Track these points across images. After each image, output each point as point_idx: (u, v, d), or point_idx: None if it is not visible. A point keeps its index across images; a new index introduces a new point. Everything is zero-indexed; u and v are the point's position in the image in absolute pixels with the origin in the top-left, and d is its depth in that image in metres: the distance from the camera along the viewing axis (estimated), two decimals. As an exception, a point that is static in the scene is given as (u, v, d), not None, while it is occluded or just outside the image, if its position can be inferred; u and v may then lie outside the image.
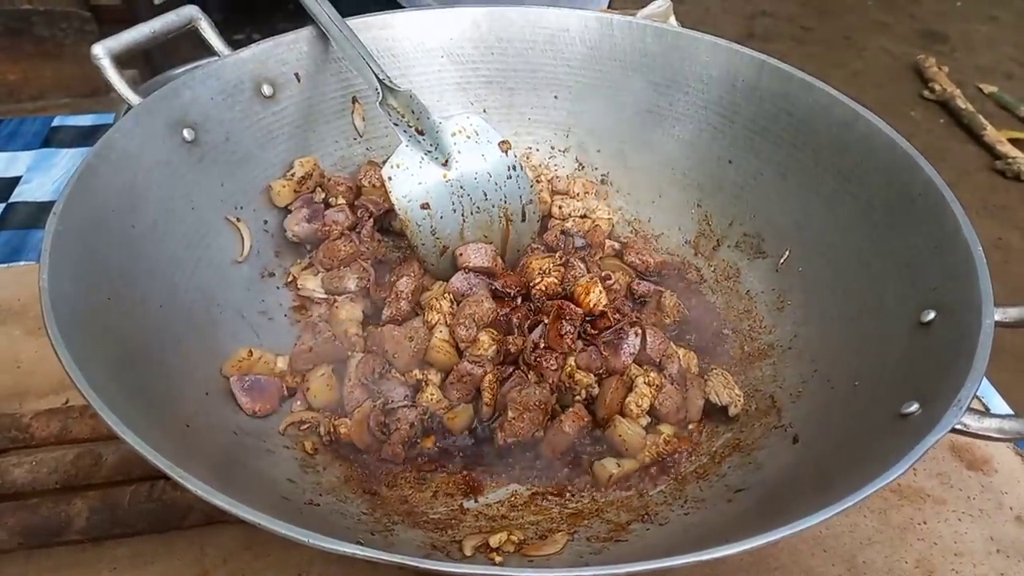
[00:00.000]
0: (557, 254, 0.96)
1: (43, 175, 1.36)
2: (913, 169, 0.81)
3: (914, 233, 0.79)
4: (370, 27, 1.01)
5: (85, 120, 1.52)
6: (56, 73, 2.53)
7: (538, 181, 1.09)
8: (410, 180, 0.91)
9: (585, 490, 0.80)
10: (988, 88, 3.75)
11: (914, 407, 0.63)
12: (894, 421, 0.64)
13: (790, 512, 0.60)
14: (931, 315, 0.72)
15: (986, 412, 0.61)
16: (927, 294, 0.74)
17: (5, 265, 1.16)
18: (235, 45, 0.96)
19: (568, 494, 0.79)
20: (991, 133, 3.40)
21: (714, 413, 0.87)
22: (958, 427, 0.59)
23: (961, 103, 3.57)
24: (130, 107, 0.85)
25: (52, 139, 1.46)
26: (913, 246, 0.78)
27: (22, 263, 1.16)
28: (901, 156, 0.83)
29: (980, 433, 0.60)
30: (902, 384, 0.68)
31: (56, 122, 1.52)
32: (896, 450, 0.58)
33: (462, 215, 0.94)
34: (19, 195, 1.31)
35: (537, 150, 1.12)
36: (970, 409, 0.60)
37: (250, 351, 0.83)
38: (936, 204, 0.78)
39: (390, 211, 0.96)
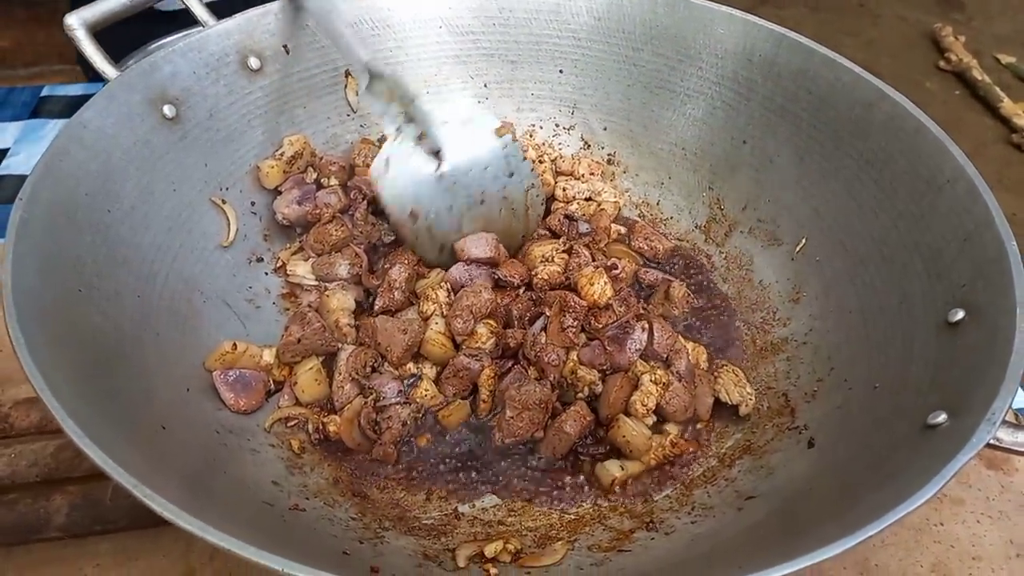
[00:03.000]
0: (560, 240, 0.91)
1: (32, 147, 1.31)
2: (942, 154, 0.76)
3: (942, 223, 0.74)
4: (364, -5, 0.96)
5: (75, 90, 1.47)
6: (50, 39, 2.47)
7: (541, 161, 1.04)
8: (401, 179, 0.85)
9: (587, 495, 0.76)
10: (1006, 58, 3.64)
11: (942, 418, 0.59)
12: (920, 432, 0.60)
13: (807, 530, 0.56)
14: (960, 315, 0.67)
15: (1021, 424, 0.56)
16: (956, 291, 0.69)
17: (-11, 242, 1.12)
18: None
19: (568, 500, 0.75)
20: (1008, 105, 3.31)
21: (723, 412, 0.82)
22: (991, 442, 0.55)
23: (977, 74, 3.48)
24: (107, 82, 0.80)
25: (41, 109, 1.41)
26: (941, 237, 0.73)
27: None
28: (929, 139, 0.78)
29: (1015, 448, 0.56)
30: (928, 390, 0.64)
31: (46, 92, 1.47)
32: (923, 467, 0.54)
33: (459, 212, 0.88)
34: (6, 168, 1.27)
35: (541, 128, 1.07)
36: (1004, 421, 0.56)
37: (234, 344, 0.79)
38: (966, 192, 0.72)
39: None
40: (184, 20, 0.90)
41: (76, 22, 0.81)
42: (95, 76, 1.41)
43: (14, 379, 0.91)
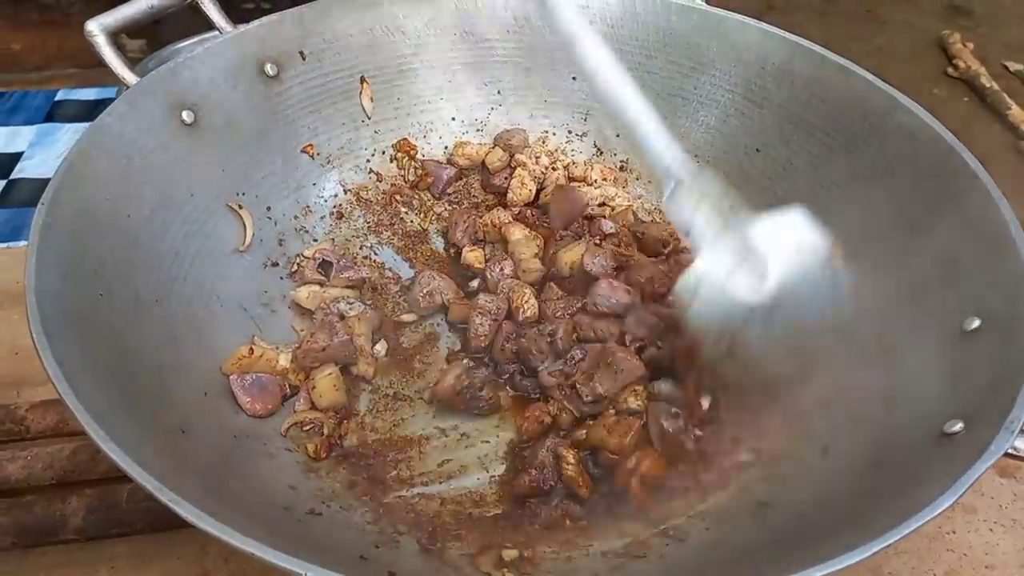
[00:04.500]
0: (582, 241, 0.92)
1: (45, 151, 1.33)
2: (957, 163, 0.77)
3: (957, 232, 0.74)
4: (379, 3, 0.97)
5: (89, 94, 1.49)
6: (62, 43, 2.48)
7: (554, 168, 1.04)
8: (712, 305, 0.70)
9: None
10: (1014, 66, 3.63)
11: (958, 426, 0.59)
12: (936, 440, 0.60)
13: (822, 538, 0.56)
14: (976, 323, 0.67)
15: (1038, 434, 0.57)
16: (972, 300, 0.69)
17: (5, 245, 1.13)
18: (243, 14, 0.91)
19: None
20: (1016, 113, 3.29)
21: (739, 419, 0.82)
22: (1009, 451, 0.55)
23: (985, 81, 3.45)
24: (126, 87, 0.81)
25: (55, 113, 1.43)
26: (956, 246, 0.73)
27: (23, 243, 1.13)
28: (944, 148, 0.78)
29: (1034, 458, 0.56)
30: (944, 398, 0.64)
31: (60, 96, 1.48)
32: (940, 475, 0.54)
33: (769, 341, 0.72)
34: (20, 171, 1.28)
35: (554, 134, 1.07)
36: (1022, 430, 0.56)
37: (251, 348, 0.80)
38: (982, 201, 0.73)
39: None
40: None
41: (96, 28, 0.82)
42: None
43: (30, 381, 0.91)
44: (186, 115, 0.83)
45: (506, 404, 0.84)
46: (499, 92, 1.05)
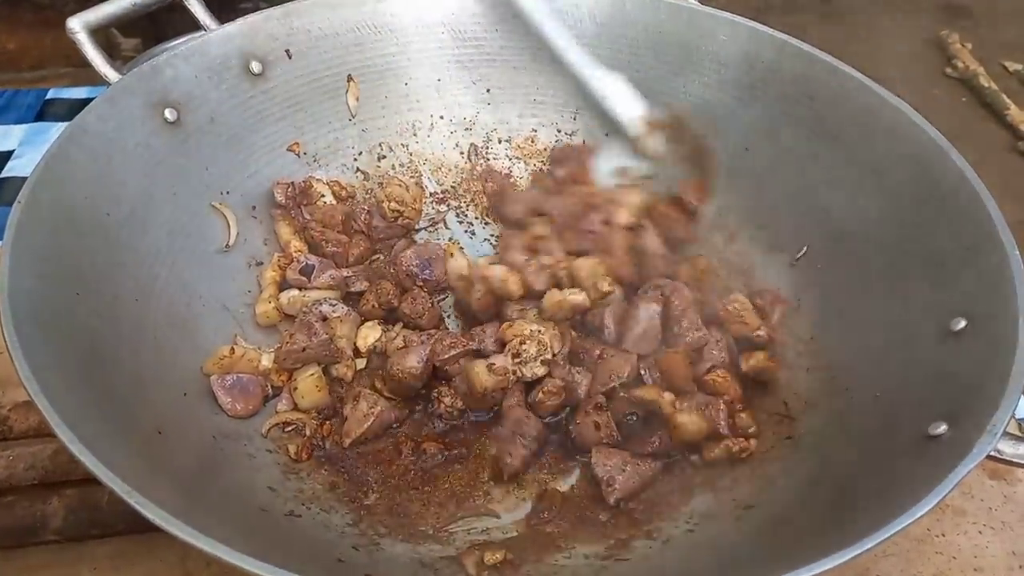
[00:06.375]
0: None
1: (36, 150, 1.32)
2: (945, 162, 0.76)
3: (945, 232, 0.73)
4: (366, 1, 0.96)
5: (80, 93, 1.48)
6: (56, 43, 2.47)
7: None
8: None
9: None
10: (1013, 66, 3.62)
11: (943, 428, 0.59)
12: (920, 442, 0.59)
13: (806, 540, 0.56)
14: (961, 324, 0.66)
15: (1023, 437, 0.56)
16: (957, 300, 0.68)
17: (-7, 244, 1.13)
18: (242, 14, 0.90)
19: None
20: (1015, 113, 3.28)
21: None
22: (992, 454, 0.54)
23: (984, 81, 3.45)
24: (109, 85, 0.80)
25: (46, 112, 1.42)
26: (943, 246, 0.73)
27: (8, 243, 1.12)
28: (932, 148, 0.78)
29: (1016, 461, 0.55)
30: (929, 400, 0.64)
31: (51, 94, 1.47)
32: (923, 478, 0.53)
33: None
34: (10, 170, 1.28)
35: (543, 133, 1.06)
36: (1005, 433, 0.55)
37: (232, 348, 0.79)
38: (970, 202, 0.72)
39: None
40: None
41: (78, 25, 0.82)
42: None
43: (14, 381, 0.90)
44: (169, 113, 0.82)
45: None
46: (488, 90, 1.04)
